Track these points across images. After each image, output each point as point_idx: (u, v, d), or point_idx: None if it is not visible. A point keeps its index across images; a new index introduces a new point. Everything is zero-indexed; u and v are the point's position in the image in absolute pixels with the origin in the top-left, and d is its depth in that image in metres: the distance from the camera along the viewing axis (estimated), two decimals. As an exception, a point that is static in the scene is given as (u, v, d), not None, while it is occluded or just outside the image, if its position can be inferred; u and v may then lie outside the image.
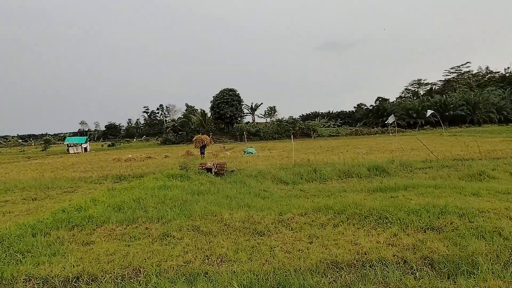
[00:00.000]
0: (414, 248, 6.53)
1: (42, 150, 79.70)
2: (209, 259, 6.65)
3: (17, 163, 40.10)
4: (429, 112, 45.28)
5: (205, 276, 5.76)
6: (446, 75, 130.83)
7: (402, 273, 5.55)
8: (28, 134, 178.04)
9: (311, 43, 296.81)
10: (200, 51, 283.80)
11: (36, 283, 5.92)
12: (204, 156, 30.06)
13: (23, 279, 6.06)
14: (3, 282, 5.98)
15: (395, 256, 6.21)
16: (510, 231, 6.97)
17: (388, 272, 5.52)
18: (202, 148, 30.84)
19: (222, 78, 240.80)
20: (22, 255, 7.19)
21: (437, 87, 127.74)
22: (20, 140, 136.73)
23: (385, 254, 6.28)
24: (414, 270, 5.63)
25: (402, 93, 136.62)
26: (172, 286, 5.39)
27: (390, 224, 8.03)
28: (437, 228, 7.59)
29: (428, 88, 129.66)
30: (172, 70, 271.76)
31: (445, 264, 5.71)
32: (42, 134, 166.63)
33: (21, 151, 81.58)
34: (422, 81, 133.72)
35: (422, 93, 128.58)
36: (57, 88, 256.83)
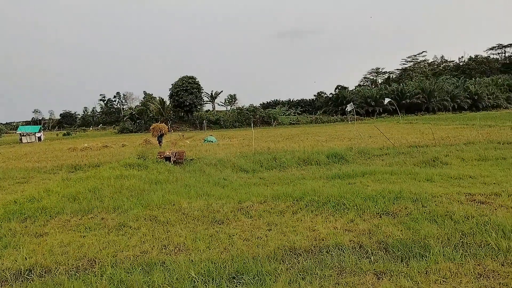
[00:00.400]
0: (370, 233, 6.70)
1: (-7, 140, 75.86)
2: (167, 249, 6.56)
3: (-35, 153, 37.97)
4: (387, 100, 46.63)
5: (162, 266, 5.67)
6: (403, 64, 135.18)
7: (358, 257, 5.67)
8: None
9: (272, 31, 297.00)
10: (158, 38, 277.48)
11: (-15, 277, 5.64)
12: (162, 145, 29.19)
13: (-28, 274, 5.76)
14: (-51, 277, 5.66)
15: (351, 241, 6.35)
16: (461, 214, 7.28)
17: (344, 257, 5.63)
18: (160, 137, 30.03)
19: (181, 66, 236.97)
20: (-29, 249, 6.86)
21: (394, 76, 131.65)
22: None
23: (341, 239, 6.40)
24: (369, 254, 5.77)
25: (361, 81, 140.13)
26: (128, 276, 5.27)
27: (347, 210, 8.20)
28: (392, 213, 7.83)
29: (386, 77, 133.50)
30: (129, 57, 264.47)
31: (399, 247, 5.89)
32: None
33: (-30, 141, 77.29)
34: (380, 70, 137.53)
35: (380, 82, 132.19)
36: (8, 75, 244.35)
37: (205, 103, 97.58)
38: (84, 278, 5.34)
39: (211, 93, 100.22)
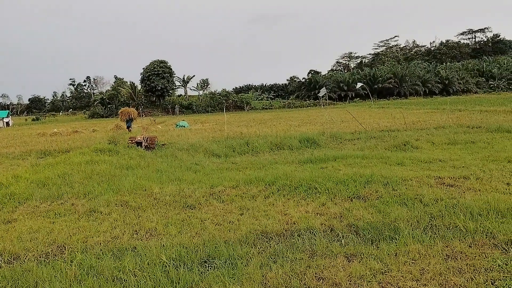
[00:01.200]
0: (341, 217, 6.82)
1: (-44, 125, 72.86)
2: (138, 234, 6.53)
3: None
4: (359, 84, 47.03)
5: (133, 251, 5.64)
6: (375, 48, 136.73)
7: (329, 240, 5.77)
8: None
9: (244, 14, 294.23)
10: (129, 21, 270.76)
11: (-49, 266, 5.47)
12: (131, 130, 28.37)
13: None
14: None
15: (323, 225, 6.45)
16: (430, 197, 7.49)
17: (315, 240, 5.72)
18: (129, 121, 29.07)
19: (152, 50, 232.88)
20: None
21: (366, 60, 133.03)
22: None
23: (313, 223, 6.50)
24: (340, 237, 5.87)
25: (334, 66, 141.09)
26: (99, 262, 5.21)
27: (319, 194, 8.32)
28: (363, 196, 7.99)
29: (359, 61, 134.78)
30: (100, 39, 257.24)
31: (369, 230, 6.02)
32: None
33: None
34: (353, 55, 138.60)
35: (353, 66, 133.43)
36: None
37: (177, 88, 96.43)
38: (54, 265, 5.25)
39: (183, 78, 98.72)
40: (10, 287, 4.66)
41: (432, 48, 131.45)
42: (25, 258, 5.64)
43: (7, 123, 64.67)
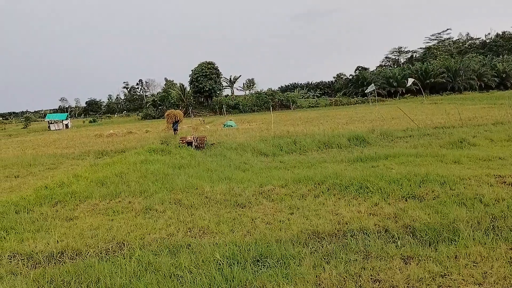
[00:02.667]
0: (396, 217, 6.63)
1: (23, 128, 77.76)
2: (192, 232, 6.68)
3: (-3, 141, 39.18)
4: (410, 80, 45.50)
5: (188, 248, 5.79)
6: (427, 42, 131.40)
7: (384, 241, 5.63)
8: (8, 112, 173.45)
9: (288, 11, 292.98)
10: (177, 25, 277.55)
11: (21, 259, 5.88)
12: (177, 133, 26.46)
13: (8, 256, 6.02)
14: (-13, 260, 5.92)
15: (376, 225, 6.30)
16: (491, 197, 7.12)
17: (369, 241, 5.61)
18: (175, 124, 27.33)
19: (200, 52, 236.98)
20: (6, 232, 7.15)
21: (417, 55, 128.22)
22: (0, 118, 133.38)
23: (366, 223, 6.37)
24: (396, 238, 5.72)
25: (382, 61, 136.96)
26: (156, 258, 5.40)
27: (371, 193, 8.15)
28: (418, 196, 7.73)
29: (409, 56, 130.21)
30: (151, 45, 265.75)
31: (427, 232, 5.81)
32: (23, 111, 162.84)
33: (2, 129, 79.49)
34: (402, 49, 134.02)
35: (402, 61, 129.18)
36: (36, 64, 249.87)
37: (224, 88, 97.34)
38: (114, 260, 5.48)
39: (230, 78, 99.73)
40: (74, 282, 4.89)
41: (487, 41, 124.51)
42: (87, 254, 5.91)
43: (66, 125, 68.12)
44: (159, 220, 7.40)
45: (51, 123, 67.39)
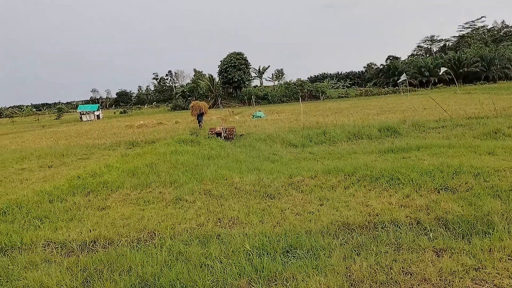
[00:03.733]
0: (428, 209, 6.48)
1: (56, 119, 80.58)
2: (221, 222, 6.73)
3: (32, 131, 40.66)
4: (443, 69, 44.17)
5: (218, 238, 5.84)
6: (460, 30, 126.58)
7: (416, 234, 5.52)
8: (41, 103, 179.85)
9: (317, 1, 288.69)
10: (207, 16, 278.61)
11: (55, 248, 6.06)
12: (201, 125, 25.32)
13: (42, 244, 6.22)
14: (23, 247, 6.14)
15: (408, 217, 6.18)
16: (527, 189, 6.86)
17: (400, 233, 5.51)
18: (200, 116, 25.75)
19: (229, 42, 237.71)
20: (40, 221, 7.38)
21: (450, 44, 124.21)
22: (34, 109, 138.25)
23: (397, 215, 6.25)
24: (428, 231, 5.59)
25: (414, 50, 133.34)
26: (186, 248, 5.47)
27: (402, 185, 7.98)
28: (451, 188, 7.52)
29: (442, 45, 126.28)
30: (180, 35, 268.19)
31: (460, 224, 5.66)
32: (55, 102, 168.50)
33: (36, 120, 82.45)
34: (435, 38, 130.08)
35: (435, 50, 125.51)
36: (68, 56, 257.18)
37: (253, 79, 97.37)
38: (145, 250, 5.59)
39: (259, 69, 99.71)
40: (107, 271, 4.99)
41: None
42: (119, 243, 6.03)
43: (98, 116, 69.90)
44: (189, 210, 7.48)
45: (83, 114, 69.31)
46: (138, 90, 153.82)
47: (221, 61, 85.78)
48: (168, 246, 5.60)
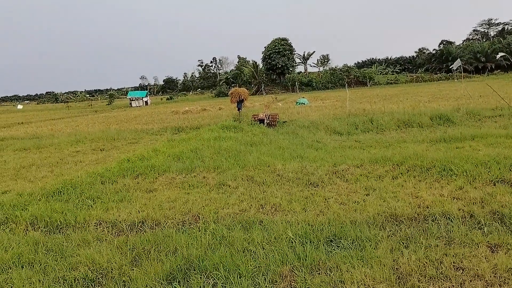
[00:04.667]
0: (482, 202, 6.12)
1: (108, 104, 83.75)
2: (264, 208, 6.68)
3: (86, 116, 42.48)
4: (500, 54, 41.47)
5: (260, 224, 5.80)
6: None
7: (469, 227, 5.22)
8: (94, 89, 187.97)
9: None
10: (251, 2, 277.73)
11: (106, 227, 6.29)
12: (241, 112, 24.03)
13: (94, 223, 6.46)
14: (77, 225, 6.42)
15: (461, 210, 5.85)
16: None
17: (452, 227, 5.22)
18: (239, 103, 24.32)
19: (274, 28, 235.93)
20: (93, 201, 7.67)
21: (510, 27, 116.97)
22: (88, 95, 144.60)
23: (449, 208, 5.93)
24: (482, 225, 5.27)
25: (470, 35, 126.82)
26: (229, 232, 5.48)
27: (455, 176, 7.59)
28: (508, 181, 7.06)
29: (500, 29, 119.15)
30: (225, 21, 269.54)
31: (517, 219, 5.31)
32: (107, 89, 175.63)
33: (89, 105, 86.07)
34: (493, 21, 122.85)
35: (492, 35, 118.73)
36: (119, 43, 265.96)
37: (297, 65, 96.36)
38: (190, 232, 5.67)
39: (303, 54, 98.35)
40: (154, 251, 5.12)
41: None
42: (165, 225, 6.15)
43: (146, 102, 71.85)
44: (232, 196, 7.50)
45: (132, 100, 71.49)
46: (184, 77, 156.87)
47: (265, 47, 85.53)
48: (212, 230, 5.64)
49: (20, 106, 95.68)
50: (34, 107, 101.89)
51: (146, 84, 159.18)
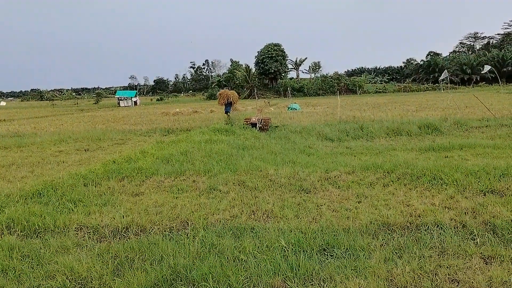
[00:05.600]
0: (474, 212, 6.09)
1: (95, 103, 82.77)
2: (255, 215, 6.55)
3: (71, 115, 41.86)
4: (487, 67, 41.98)
5: (252, 232, 5.66)
6: (506, 28, 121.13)
7: (461, 238, 5.17)
8: (81, 88, 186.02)
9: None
10: (245, 6, 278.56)
11: (87, 232, 6.03)
12: (229, 116, 23.20)
13: (75, 228, 6.19)
14: (56, 230, 6.13)
15: (453, 220, 5.81)
16: None
17: (445, 237, 5.17)
18: (228, 106, 23.46)
19: (266, 33, 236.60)
20: (74, 204, 7.36)
21: (495, 41, 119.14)
22: (74, 93, 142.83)
23: (441, 217, 5.89)
24: (475, 235, 5.24)
25: (456, 47, 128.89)
26: (219, 240, 5.32)
27: (446, 185, 7.57)
28: (498, 191, 7.06)
29: (485, 42, 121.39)
30: (217, 24, 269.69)
31: (509, 230, 5.26)
32: (94, 87, 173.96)
33: (75, 104, 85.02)
34: (478, 35, 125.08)
35: (478, 48, 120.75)
36: (108, 42, 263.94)
37: (290, 71, 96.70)
38: (178, 239, 5.47)
39: (296, 61, 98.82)
40: (138, 259, 4.90)
41: None
42: (151, 231, 5.92)
43: (135, 102, 71.23)
44: (223, 201, 7.35)
45: (120, 99, 70.80)
46: (175, 78, 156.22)
47: (258, 51, 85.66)
48: (201, 237, 5.46)
49: (3, 103, 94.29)
50: (18, 104, 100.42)
51: (136, 84, 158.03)
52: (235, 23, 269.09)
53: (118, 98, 73.43)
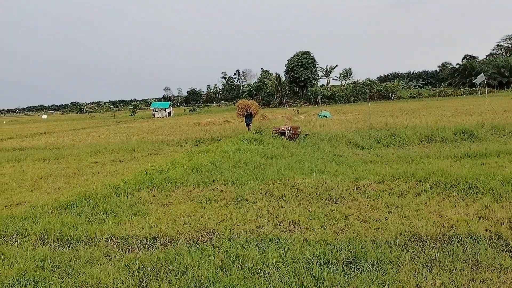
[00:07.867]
0: (510, 223, 5.81)
1: (131, 115, 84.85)
2: (281, 225, 6.49)
3: (108, 127, 43.05)
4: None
5: (277, 243, 5.59)
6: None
7: (496, 250, 4.94)
8: (118, 100, 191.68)
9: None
10: (276, 16, 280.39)
11: (116, 243, 6.15)
12: (250, 128, 22.14)
13: (105, 238, 6.33)
14: (87, 240, 6.30)
15: (488, 231, 5.56)
16: None
17: (479, 249, 4.95)
18: (248, 118, 22.25)
19: (297, 41, 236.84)
20: (106, 215, 7.56)
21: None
22: (112, 106, 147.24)
23: (475, 228, 5.65)
24: (511, 247, 4.98)
25: (494, 50, 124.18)
26: (244, 251, 5.29)
27: (481, 194, 7.28)
28: (537, 200, 6.72)
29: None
30: (249, 35, 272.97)
31: (549, 242, 4.99)
32: (131, 99, 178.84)
33: (113, 116, 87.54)
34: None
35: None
36: (144, 56, 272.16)
37: (320, 78, 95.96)
38: (203, 250, 5.49)
39: (326, 68, 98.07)
40: (163, 271, 4.95)
41: None
42: (178, 241, 5.98)
43: (169, 113, 72.45)
44: (249, 211, 7.33)
45: (155, 111, 72.18)
46: (207, 89, 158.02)
47: (288, 60, 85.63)
48: (225, 248, 5.46)
49: (44, 116, 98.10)
50: (58, 117, 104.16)
51: (170, 95, 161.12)
52: (266, 32, 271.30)
53: (152, 109, 74.98)
